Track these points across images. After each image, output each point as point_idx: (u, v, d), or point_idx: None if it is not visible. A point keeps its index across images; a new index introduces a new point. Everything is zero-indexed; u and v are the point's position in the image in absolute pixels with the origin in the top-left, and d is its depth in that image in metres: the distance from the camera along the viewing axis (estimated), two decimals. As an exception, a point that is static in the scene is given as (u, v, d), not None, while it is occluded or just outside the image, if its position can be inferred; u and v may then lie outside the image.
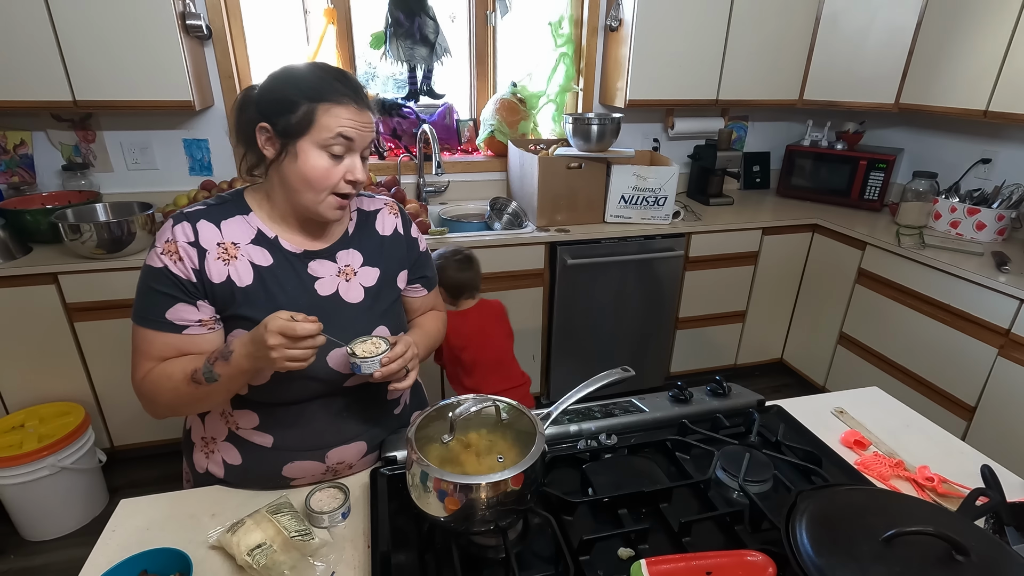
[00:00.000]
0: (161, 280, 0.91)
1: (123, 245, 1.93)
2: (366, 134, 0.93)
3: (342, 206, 0.96)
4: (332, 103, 0.89)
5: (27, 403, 2.02)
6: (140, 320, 0.93)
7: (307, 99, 0.89)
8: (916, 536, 0.67)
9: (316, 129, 0.89)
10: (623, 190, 2.40)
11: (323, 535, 0.88)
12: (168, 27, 1.93)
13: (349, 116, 0.90)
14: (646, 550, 0.84)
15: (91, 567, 0.84)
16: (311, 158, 0.90)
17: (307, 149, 0.90)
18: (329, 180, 0.92)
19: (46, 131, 2.24)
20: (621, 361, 1.09)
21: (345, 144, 0.91)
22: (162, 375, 0.92)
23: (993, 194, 2.38)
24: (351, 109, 0.90)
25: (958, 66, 2.27)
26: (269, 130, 0.91)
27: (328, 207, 0.94)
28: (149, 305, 0.92)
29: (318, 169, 0.90)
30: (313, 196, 0.92)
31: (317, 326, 0.84)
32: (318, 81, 0.90)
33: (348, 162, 0.93)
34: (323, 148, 0.90)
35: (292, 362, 0.83)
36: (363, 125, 0.92)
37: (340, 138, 0.90)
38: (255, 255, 0.96)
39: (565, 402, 0.94)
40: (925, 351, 2.25)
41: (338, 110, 0.89)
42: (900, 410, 1.27)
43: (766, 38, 2.59)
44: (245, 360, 0.86)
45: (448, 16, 2.65)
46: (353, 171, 0.93)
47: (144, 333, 0.93)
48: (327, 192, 0.93)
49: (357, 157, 0.94)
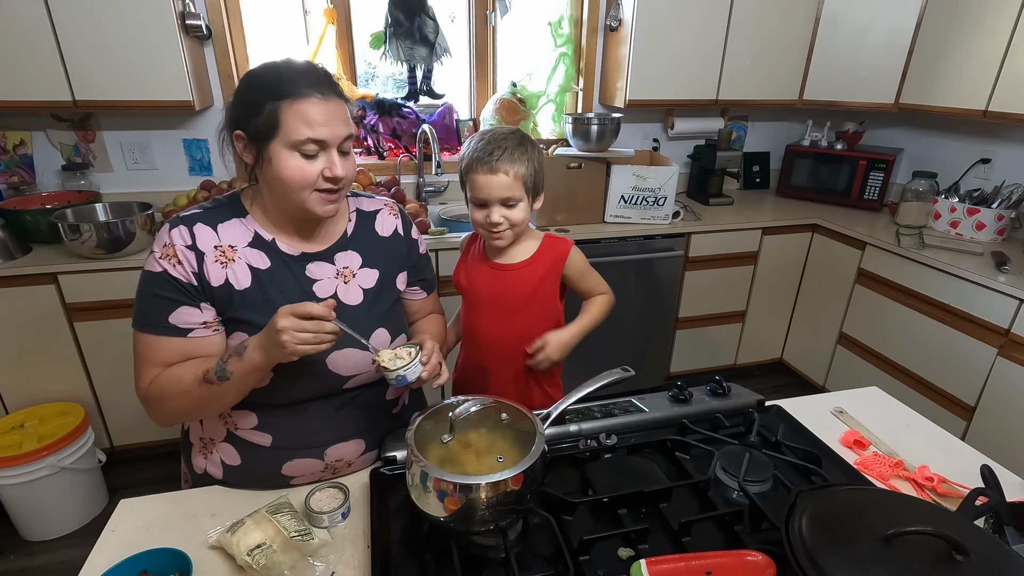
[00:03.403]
0: (162, 284, 0.90)
1: (123, 245, 1.93)
2: (337, 128, 0.89)
3: (331, 200, 0.93)
4: (294, 98, 0.86)
5: (27, 403, 2.01)
6: (142, 326, 0.92)
7: (268, 98, 0.87)
8: (916, 536, 0.67)
9: (284, 130, 0.86)
10: (623, 190, 2.40)
11: (323, 535, 0.88)
12: (168, 27, 1.93)
13: (313, 109, 0.87)
14: (646, 550, 0.84)
15: (91, 567, 0.84)
16: (283, 160, 0.88)
17: (279, 152, 0.88)
18: (306, 181, 0.89)
19: (46, 131, 2.24)
20: (621, 361, 1.09)
21: (317, 143, 0.88)
22: (171, 379, 0.91)
23: (993, 194, 2.38)
24: (314, 101, 0.87)
25: (958, 66, 2.27)
26: (243, 137, 0.90)
27: (316, 203, 0.92)
28: (151, 310, 0.91)
29: (293, 171, 0.88)
30: (296, 196, 0.91)
31: (327, 307, 0.83)
32: (277, 78, 0.88)
33: (324, 159, 0.90)
34: (294, 149, 0.88)
35: (304, 346, 0.81)
36: (331, 118, 0.88)
37: (309, 141, 0.87)
38: (253, 258, 0.95)
39: (565, 402, 0.94)
40: (925, 351, 2.25)
41: (300, 105, 0.86)
42: (900, 410, 1.27)
43: (766, 38, 2.59)
44: (257, 353, 0.85)
45: (448, 16, 2.65)
46: (331, 168, 0.90)
47: (147, 339, 0.92)
48: (310, 190, 0.90)
49: (333, 152, 0.90)
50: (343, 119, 0.91)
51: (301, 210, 0.93)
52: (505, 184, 1.10)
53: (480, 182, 1.11)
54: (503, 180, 1.10)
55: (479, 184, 1.11)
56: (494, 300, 1.22)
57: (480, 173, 1.10)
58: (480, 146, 1.11)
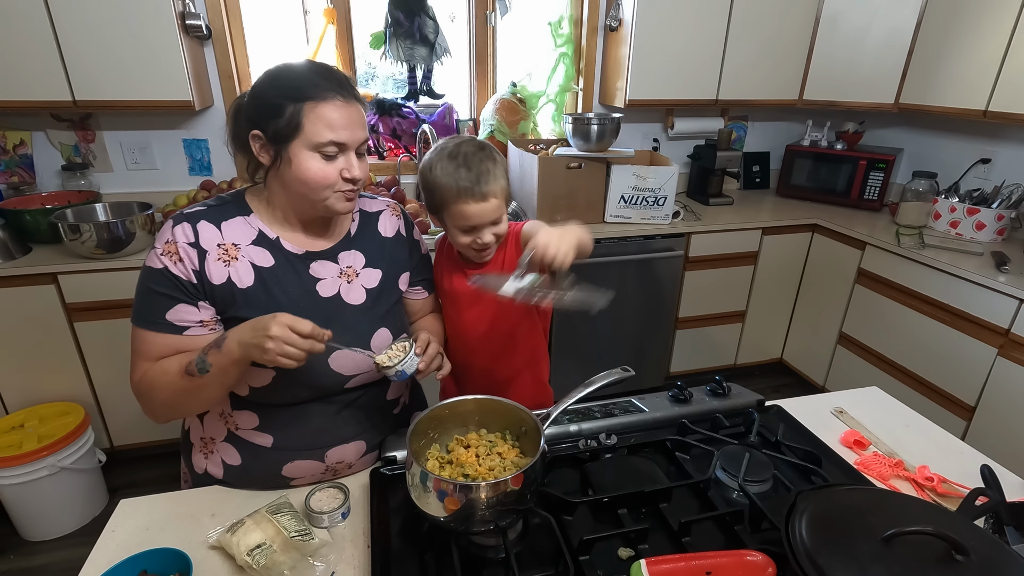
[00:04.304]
0: (161, 281, 0.91)
1: (123, 245, 1.93)
2: (357, 131, 0.92)
3: (350, 197, 0.95)
4: (316, 101, 0.87)
5: (27, 403, 2.01)
6: (140, 322, 0.93)
7: (290, 100, 0.87)
8: (915, 536, 0.67)
9: (305, 132, 0.87)
10: (623, 190, 2.40)
11: (323, 535, 0.88)
12: (168, 27, 1.93)
13: (336, 113, 0.88)
14: (646, 550, 0.84)
15: (91, 567, 0.84)
16: (304, 162, 0.89)
17: (299, 153, 0.89)
18: (327, 181, 0.91)
19: (46, 131, 2.24)
20: (621, 361, 1.08)
21: (337, 145, 0.90)
22: (159, 371, 0.91)
23: (993, 194, 2.38)
24: (336, 104, 0.88)
25: (958, 66, 2.27)
26: (261, 137, 0.90)
27: (336, 201, 0.93)
28: (149, 306, 0.92)
29: (315, 172, 0.89)
30: (317, 196, 0.92)
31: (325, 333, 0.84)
32: (299, 79, 0.89)
33: (343, 161, 0.91)
34: (315, 150, 0.89)
35: (283, 358, 0.81)
36: (351, 121, 0.90)
37: (331, 144, 0.89)
38: (256, 256, 0.95)
39: (565, 402, 0.94)
40: (925, 351, 2.25)
41: (323, 108, 0.87)
42: (900, 410, 1.27)
43: (766, 38, 2.59)
44: (237, 347, 0.84)
45: (448, 16, 2.65)
46: (350, 169, 0.92)
47: (143, 335, 0.92)
48: (331, 190, 0.92)
49: (352, 154, 0.92)
50: (362, 122, 0.93)
51: (320, 209, 0.94)
52: (495, 206, 1.06)
53: (471, 212, 1.05)
54: (493, 204, 1.05)
55: (470, 214, 1.05)
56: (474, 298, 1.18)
57: (470, 203, 1.04)
58: (461, 173, 1.04)
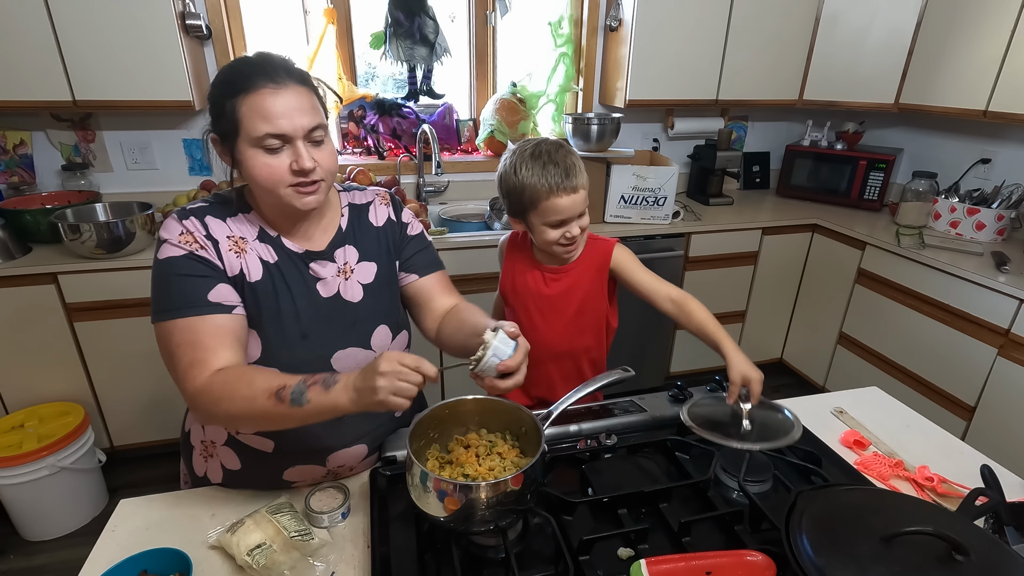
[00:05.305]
0: (191, 266, 0.87)
1: (123, 245, 1.93)
2: (298, 118, 0.85)
3: (307, 192, 0.89)
4: (248, 92, 0.83)
5: (27, 403, 2.01)
6: (175, 312, 0.85)
7: (226, 96, 0.84)
8: (915, 536, 0.67)
9: (244, 128, 0.84)
10: (623, 190, 2.40)
11: (323, 535, 0.88)
12: (168, 27, 1.93)
13: (269, 102, 0.83)
14: (646, 550, 0.84)
15: (91, 567, 0.84)
16: (250, 159, 0.85)
17: (245, 151, 0.85)
18: (275, 177, 0.86)
19: (46, 131, 2.23)
20: (621, 361, 1.08)
21: (278, 137, 0.84)
22: (241, 377, 0.82)
23: (993, 194, 2.38)
24: (266, 92, 0.83)
25: (958, 66, 2.27)
26: (218, 140, 0.89)
27: (293, 198, 0.88)
28: (184, 293, 0.86)
29: (260, 169, 0.85)
30: (271, 195, 0.88)
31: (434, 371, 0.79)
32: (233, 74, 0.85)
33: (290, 153, 0.86)
34: (256, 146, 0.85)
35: (396, 397, 0.75)
36: (289, 108, 0.84)
37: (269, 136, 0.84)
38: (262, 252, 0.95)
39: (565, 402, 0.94)
40: (925, 351, 2.25)
41: (253, 99, 0.83)
42: (900, 410, 1.27)
43: (766, 38, 2.58)
44: (344, 393, 0.77)
45: (448, 16, 2.65)
46: (298, 160, 0.85)
47: (185, 324, 0.84)
48: (283, 186, 0.87)
49: (298, 144, 0.86)
50: (306, 108, 0.86)
51: (284, 206, 0.91)
52: (583, 197, 1.14)
53: (563, 205, 1.12)
54: (582, 195, 1.13)
55: (562, 207, 1.12)
56: (545, 304, 1.23)
57: (563, 196, 1.11)
58: (550, 169, 1.11)
